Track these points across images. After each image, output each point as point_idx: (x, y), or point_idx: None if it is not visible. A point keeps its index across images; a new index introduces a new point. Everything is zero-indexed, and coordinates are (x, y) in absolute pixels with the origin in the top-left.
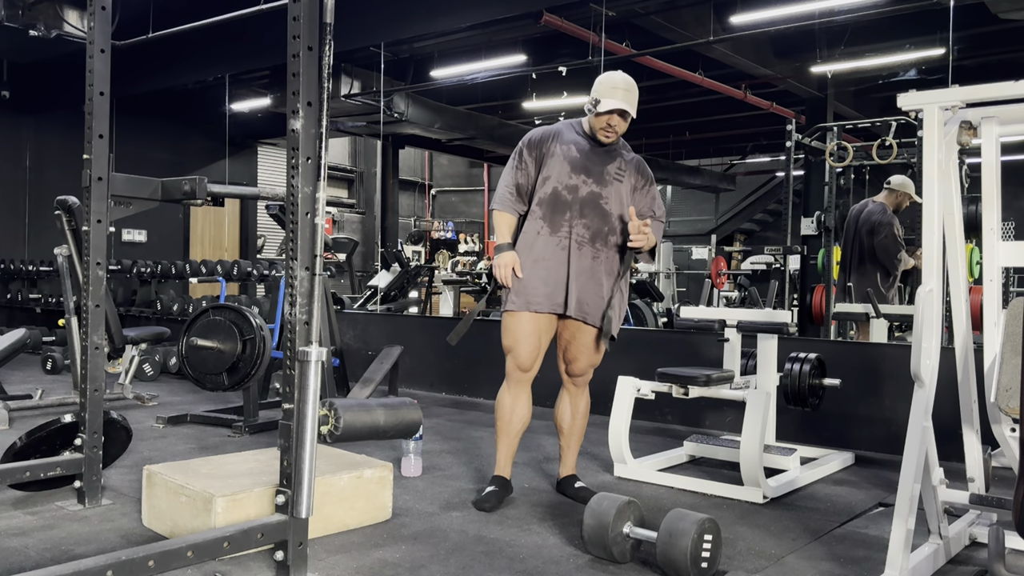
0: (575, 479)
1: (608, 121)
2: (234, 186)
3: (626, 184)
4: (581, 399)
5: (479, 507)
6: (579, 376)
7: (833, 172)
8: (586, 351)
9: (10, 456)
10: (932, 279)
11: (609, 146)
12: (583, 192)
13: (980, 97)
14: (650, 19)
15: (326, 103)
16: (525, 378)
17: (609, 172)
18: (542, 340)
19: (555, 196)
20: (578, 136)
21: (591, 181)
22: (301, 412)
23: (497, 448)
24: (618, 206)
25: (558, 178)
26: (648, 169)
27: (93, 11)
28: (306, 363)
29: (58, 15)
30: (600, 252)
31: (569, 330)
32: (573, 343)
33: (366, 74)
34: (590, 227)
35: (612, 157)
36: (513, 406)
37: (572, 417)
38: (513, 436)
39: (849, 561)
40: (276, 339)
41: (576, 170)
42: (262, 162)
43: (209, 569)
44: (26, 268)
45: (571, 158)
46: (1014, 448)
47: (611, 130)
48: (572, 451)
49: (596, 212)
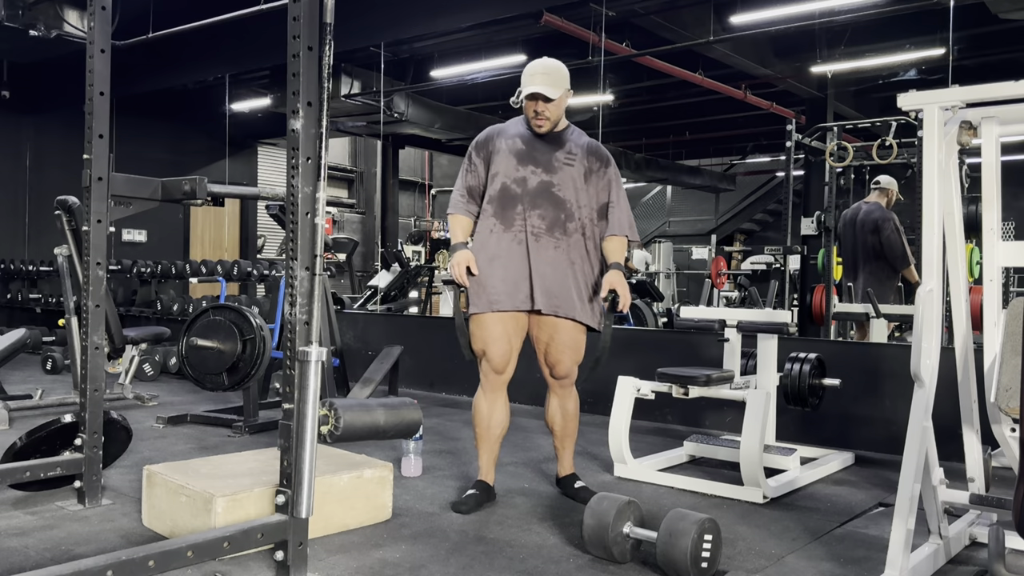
0: (575, 478)
1: (534, 108)
2: (234, 186)
3: (578, 167)
4: (569, 400)
5: (456, 509)
6: (565, 377)
7: (833, 172)
8: (568, 350)
9: (10, 456)
10: (932, 279)
11: (556, 134)
12: (532, 183)
13: (980, 97)
14: (650, 19)
15: (326, 103)
16: (500, 381)
17: (558, 159)
18: (513, 341)
19: (504, 191)
20: (523, 129)
21: (540, 170)
22: (301, 412)
23: (478, 454)
24: (573, 192)
25: (505, 172)
26: (604, 152)
27: (93, 11)
28: (306, 363)
29: (58, 15)
30: (561, 241)
31: (544, 330)
32: (553, 344)
33: (366, 74)
34: (545, 217)
35: (560, 143)
36: (490, 412)
37: (563, 419)
38: (493, 441)
39: (849, 561)
40: (276, 339)
41: (523, 161)
42: (262, 162)
43: (209, 569)
44: (26, 268)
45: (516, 150)
46: (1014, 448)
47: (541, 117)
48: (568, 451)
49: (549, 201)
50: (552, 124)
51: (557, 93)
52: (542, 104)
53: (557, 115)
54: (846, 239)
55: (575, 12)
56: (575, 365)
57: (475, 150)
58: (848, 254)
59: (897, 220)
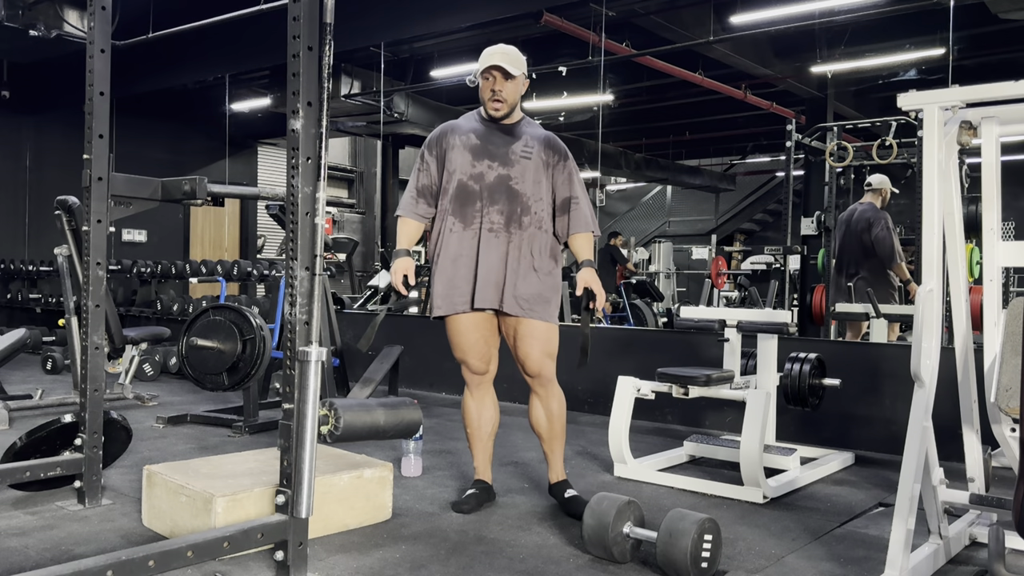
0: (566, 485)
1: (492, 87)
2: (234, 186)
3: (535, 160)
4: (552, 400)
5: (457, 509)
6: (539, 373)
7: (833, 172)
8: (535, 341)
9: (10, 456)
10: (932, 279)
11: (511, 126)
12: (490, 177)
13: (980, 97)
14: (650, 19)
15: (326, 103)
16: (484, 381)
17: (515, 151)
18: (488, 340)
19: (461, 188)
20: (476, 124)
21: (496, 164)
22: (301, 412)
23: (472, 455)
24: (532, 185)
25: (462, 169)
26: (561, 144)
27: (93, 11)
28: (306, 363)
29: (58, 15)
30: (515, 235)
31: (510, 326)
32: (519, 339)
33: (366, 74)
34: (503, 211)
35: (516, 136)
36: (479, 411)
37: (548, 421)
38: (485, 440)
39: (849, 561)
40: (276, 339)
41: (478, 156)
42: (262, 162)
43: (209, 569)
44: (26, 268)
45: (471, 146)
46: (1014, 448)
47: (498, 96)
48: (557, 455)
49: (507, 195)
50: (509, 107)
51: (517, 71)
52: (500, 81)
53: (514, 98)
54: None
55: (575, 12)
56: (547, 358)
57: (427, 148)
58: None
59: (889, 219)
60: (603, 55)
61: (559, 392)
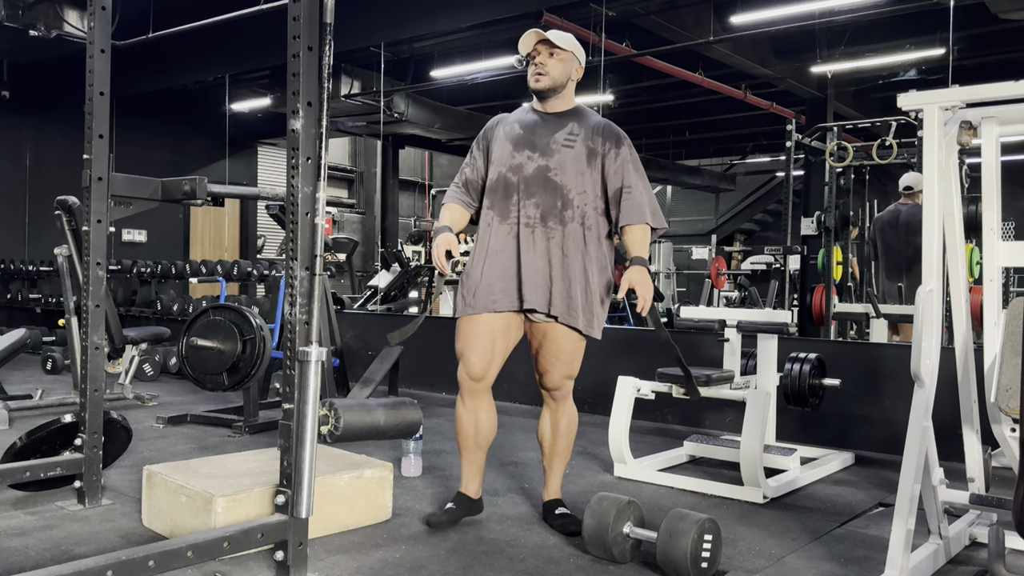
0: (558, 504)
1: (536, 60)
2: (234, 186)
3: (579, 148)
4: (563, 416)
5: (428, 523)
6: (555, 390)
7: (833, 172)
8: (557, 361)
9: (10, 456)
10: (932, 279)
11: (559, 115)
12: (529, 169)
13: (980, 97)
14: (650, 19)
15: (326, 103)
16: (479, 388)
17: (556, 140)
18: (497, 343)
19: (501, 181)
20: (526, 114)
21: (536, 155)
22: (301, 412)
23: (462, 465)
24: (573, 176)
25: (501, 161)
26: (616, 130)
27: (93, 11)
28: (306, 363)
29: (58, 15)
30: (555, 231)
31: (535, 334)
32: (542, 351)
33: (366, 74)
34: (540, 205)
35: (562, 124)
36: (471, 420)
37: (553, 436)
38: (476, 451)
39: (849, 561)
40: (276, 339)
41: (519, 147)
42: (262, 162)
43: (209, 569)
44: (26, 268)
45: (513, 136)
46: (1014, 448)
47: (540, 68)
48: (556, 473)
49: (545, 187)
50: (551, 82)
51: (563, 43)
52: (544, 55)
53: (560, 75)
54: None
55: (575, 12)
56: (566, 380)
57: (476, 142)
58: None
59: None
60: (603, 55)
61: (572, 409)
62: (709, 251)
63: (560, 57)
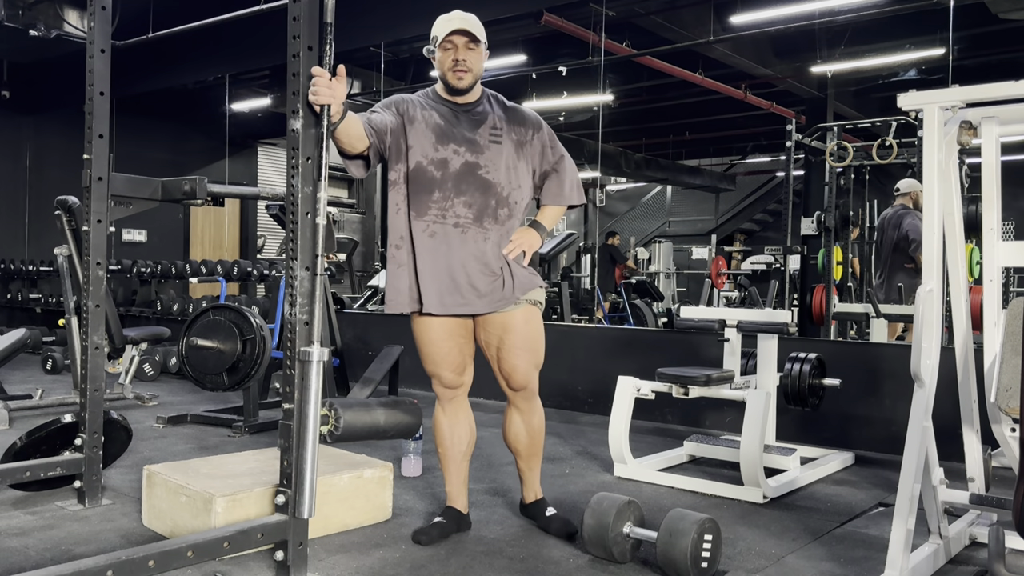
0: (545, 504)
1: (454, 56)
2: (234, 186)
3: (506, 143)
4: (534, 415)
5: (415, 539)
6: (523, 388)
7: (833, 172)
8: (523, 351)
9: (10, 456)
10: (932, 279)
11: (474, 105)
12: (455, 165)
13: (980, 97)
14: (650, 19)
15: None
16: (458, 394)
17: (482, 135)
18: (463, 348)
19: (419, 172)
20: (437, 104)
21: (463, 150)
22: (303, 412)
23: (445, 478)
24: (506, 172)
25: (422, 151)
26: (529, 115)
27: (93, 11)
28: (307, 363)
29: (58, 15)
30: (491, 231)
31: (492, 331)
32: (504, 347)
33: (366, 74)
34: (472, 204)
35: (481, 117)
36: (451, 429)
37: (529, 437)
38: (459, 461)
39: (849, 561)
40: (276, 339)
41: (443, 140)
42: (262, 162)
43: (209, 569)
44: (26, 268)
45: (434, 125)
46: (1014, 448)
47: (462, 66)
48: (535, 472)
49: (477, 186)
50: (474, 78)
51: (481, 35)
52: (463, 49)
53: (479, 70)
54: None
55: (575, 12)
56: (534, 369)
57: (386, 105)
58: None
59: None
60: (603, 55)
61: (540, 406)
62: (709, 251)
63: (478, 49)
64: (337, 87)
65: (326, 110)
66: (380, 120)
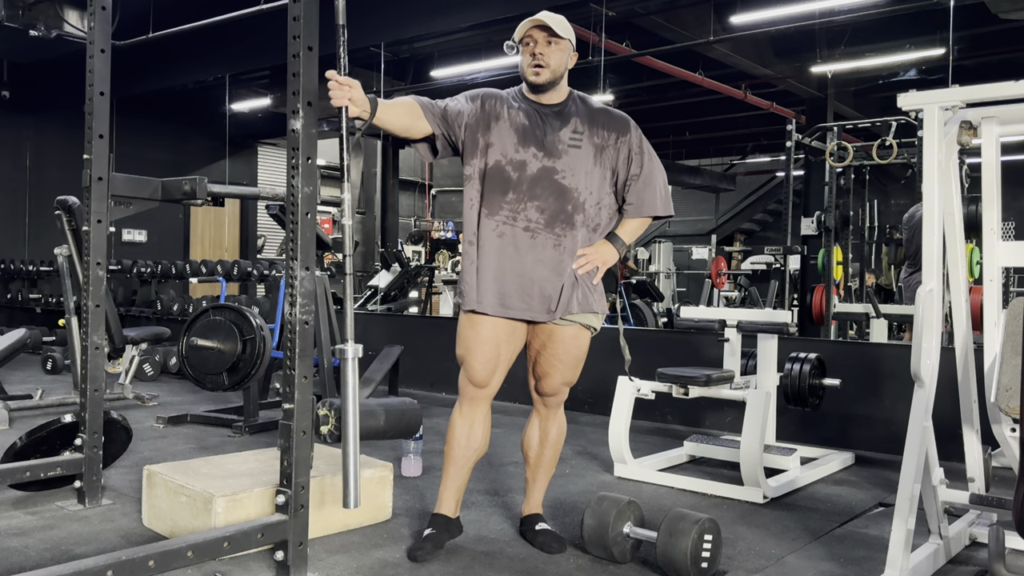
0: (538, 519)
1: (533, 51)
2: (234, 186)
3: (586, 148)
4: (553, 424)
5: (410, 556)
6: (551, 396)
7: (833, 172)
8: (560, 363)
9: (10, 456)
10: (932, 279)
11: (559, 107)
12: (532, 169)
13: (980, 97)
14: (650, 19)
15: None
16: (481, 396)
17: (562, 139)
18: (502, 350)
19: (497, 171)
20: (523, 103)
21: (542, 155)
22: (343, 408)
23: (443, 480)
24: (582, 178)
25: (502, 149)
26: (620, 117)
27: (93, 11)
28: (344, 361)
29: (58, 15)
30: (563, 238)
31: (538, 337)
32: (544, 353)
33: (366, 74)
34: (546, 210)
35: (564, 119)
36: (466, 431)
37: (540, 446)
38: (461, 465)
39: (849, 561)
40: (276, 339)
41: (525, 141)
42: (262, 162)
43: (209, 569)
44: (26, 268)
45: (518, 125)
46: (1014, 448)
47: (540, 60)
48: (539, 485)
49: (551, 190)
50: (551, 75)
51: (562, 31)
52: (542, 44)
53: (558, 67)
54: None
55: (575, 12)
56: (565, 386)
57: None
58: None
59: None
60: (603, 55)
61: (563, 419)
62: (709, 251)
63: (559, 46)
64: (352, 90)
65: (344, 112)
66: (455, 109)
